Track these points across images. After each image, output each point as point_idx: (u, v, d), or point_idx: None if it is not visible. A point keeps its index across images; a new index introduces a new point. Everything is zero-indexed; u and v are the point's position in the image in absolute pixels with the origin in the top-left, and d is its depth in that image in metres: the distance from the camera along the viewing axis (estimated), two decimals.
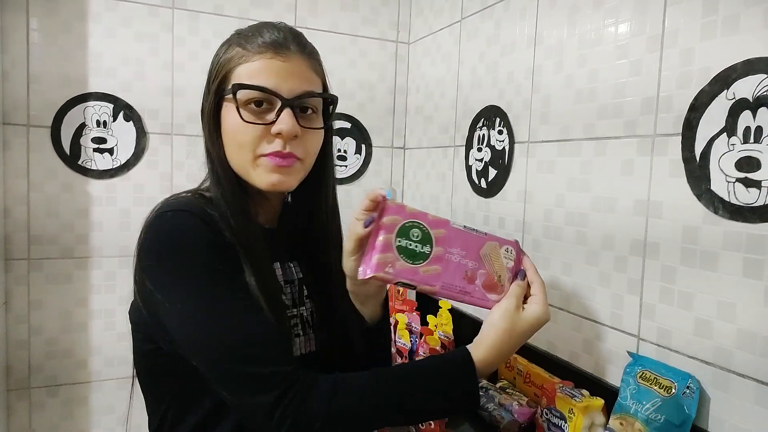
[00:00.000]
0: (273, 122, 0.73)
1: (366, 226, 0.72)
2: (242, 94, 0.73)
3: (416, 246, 0.72)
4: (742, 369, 0.79)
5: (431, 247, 0.73)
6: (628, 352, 0.96)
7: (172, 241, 0.70)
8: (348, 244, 0.76)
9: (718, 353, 0.82)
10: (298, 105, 0.75)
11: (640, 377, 0.90)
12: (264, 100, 0.74)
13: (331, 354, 0.86)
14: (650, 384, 0.87)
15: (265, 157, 0.74)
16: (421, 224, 0.73)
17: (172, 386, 0.79)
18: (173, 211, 0.72)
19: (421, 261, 0.73)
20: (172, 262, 0.70)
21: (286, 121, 0.73)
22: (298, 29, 0.80)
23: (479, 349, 0.73)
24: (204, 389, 0.72)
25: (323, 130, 0.80)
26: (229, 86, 0.74)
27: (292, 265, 0.87)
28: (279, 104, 0.73)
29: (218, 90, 0.76)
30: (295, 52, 0.75)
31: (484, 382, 1.17)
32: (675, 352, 0.89)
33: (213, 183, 0.78)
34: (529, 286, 0.78)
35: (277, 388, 0.64)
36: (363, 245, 0.74)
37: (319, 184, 0.86)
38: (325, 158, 0.84)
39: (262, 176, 0.75)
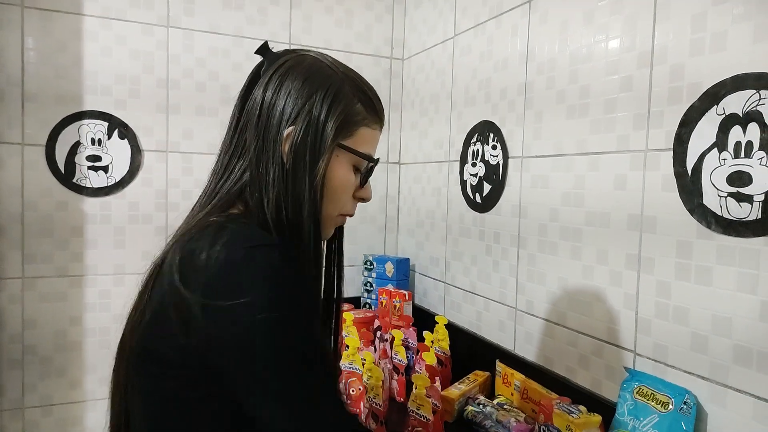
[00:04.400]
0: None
1: None
2: (363, 163, 0.74)
3: None
4: (739, 384, 0.79)
5: None
6: (624, 367, 0.95)
7: (281, 286, 0.58)
8: None
9: (714, 368, 0.82)
10: None
11: (637, 393, 0.89)
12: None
13: None
14: (647, 400, 0.87)
15: (342, 216, 0.76)
16: None
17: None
18: (265, 246, 0.59)
19: None
20: (282, 310, 0.57)
21: (371, 191, 0.77)
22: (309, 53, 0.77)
23: None
24: None
25: None
26: (351, 142, 0.71)
27: None
28: (364, 174, 0.75)
29: (337, 133, 0.70)
30: None
31: (481, 398, 1.17)
32: (672, 367, 0.88)
33: (288, 225, 0.67)
34: None
35: None
36: None
37: None
38: None
39: (331, 230, 0.76)
